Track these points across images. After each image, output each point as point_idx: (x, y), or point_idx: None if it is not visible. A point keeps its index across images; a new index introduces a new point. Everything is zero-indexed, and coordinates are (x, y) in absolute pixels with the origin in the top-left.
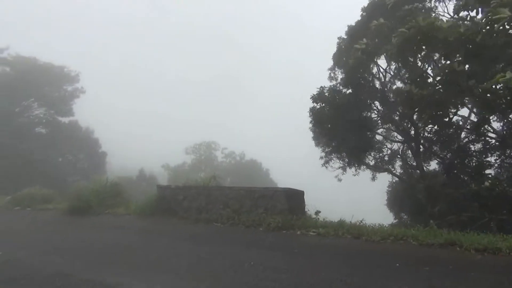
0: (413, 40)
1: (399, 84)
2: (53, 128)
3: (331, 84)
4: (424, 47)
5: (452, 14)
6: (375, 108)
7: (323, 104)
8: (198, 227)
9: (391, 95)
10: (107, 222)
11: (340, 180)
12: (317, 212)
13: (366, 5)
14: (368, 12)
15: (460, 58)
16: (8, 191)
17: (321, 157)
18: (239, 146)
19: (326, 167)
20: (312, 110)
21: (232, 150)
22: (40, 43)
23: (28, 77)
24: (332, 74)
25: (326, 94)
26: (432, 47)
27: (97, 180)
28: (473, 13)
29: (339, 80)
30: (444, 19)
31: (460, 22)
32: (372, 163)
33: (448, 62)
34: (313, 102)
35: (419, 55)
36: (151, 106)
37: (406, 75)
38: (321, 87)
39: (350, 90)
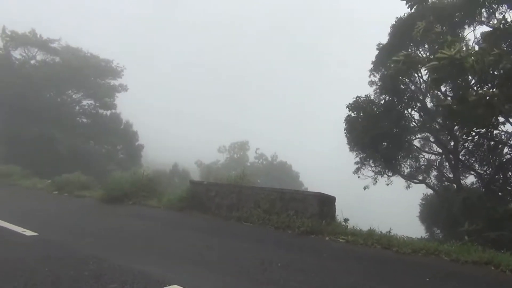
0: (445, 70)
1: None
2: (95, 119)
3: (372, 87)
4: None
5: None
6: (413, 117)
7: (360, 113)
8: (229, 224)
9: (434, 102)
10: (140, 213)
11: (366, 188)
12: (346, 220)
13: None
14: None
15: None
16: (49, 175)
17: (356, 163)
18: (271, 148)
19: (359, 176)
20: (347, 118)
21: (262, 152)
22: (90, 35)
23: (75, 67)
24: (372, 78)
25: (362, 103)
26: (464, 75)
27: (133, 172)
28: None
29: (378, 84)
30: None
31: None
32: (407, 170)
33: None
34: (349, 110)
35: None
36: (187, 104)
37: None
38: (357, 96)
39: (387, 97)
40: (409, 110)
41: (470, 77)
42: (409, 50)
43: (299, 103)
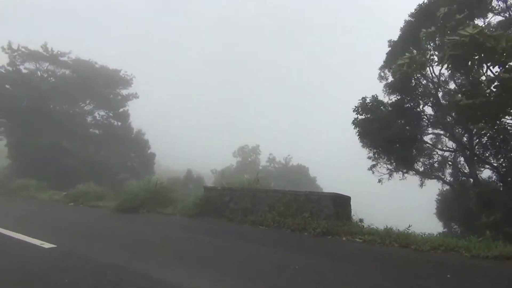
0: (465, 48)
1: (453, 86)
2: (106, 129)
3: (382, 83)
4: (476, 56)
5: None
6: (424, 113)
7: (368, 115)
8: (244, 228)
9: (446, 98)
10: (155, 220)
11: (380, 181)
12: (361, 220)
13: (414, 11)
14: (416, 20)
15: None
16: (63, 187)
17: (369, 157)
18: (283, 148)
19: (373, 172)
20: (355, 121)
21: (274, 156)
22: (97, 45)
23: (85, 79)
24: (382, 74)
25: (369, 105)
26: (485, 55)
27: (147, 180)
28: None
29: (389, 80)
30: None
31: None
32: (421, 169)
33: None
34: (356, 114)
35: (472, 63)
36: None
37: (460, 80)
38: (363, 98)
39: (397, 96)
40: (421, 106)
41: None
42: (421, 46)
43: (310, 97)
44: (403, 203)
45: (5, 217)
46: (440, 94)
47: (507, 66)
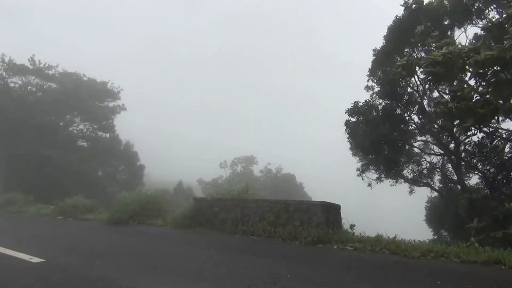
0: (440, 66)
1: (437, 94)
2: (94, 141)
3: (368, 92)
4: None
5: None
6: (412, 120)
7: (359, 117)
8: (235, 238)
9: (431, 106)
10: (146, 232)
11: (370, 186)
12: (352, 226)
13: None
14: (392, 37)
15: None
16: (52, 200)
17: (358, 169)
18: (273, 160)
19: (362, 178)
20: (347, 123)
21: (269, 167)
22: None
23: (72, 92)
24: (370, 83)
25: (361, 108)
26: (458, 71)
27: (136, 192)
28: None
29: (375, 90)
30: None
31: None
32: (410, 176)
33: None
34: (348, 116)
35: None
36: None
37: (444, 86)
38: (355, 102)
39: (386, 101)
40: (408, 113)
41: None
42: (405, 53)
43: (299, 109)
44: (394, 211)
45: None
46: (425, 102)
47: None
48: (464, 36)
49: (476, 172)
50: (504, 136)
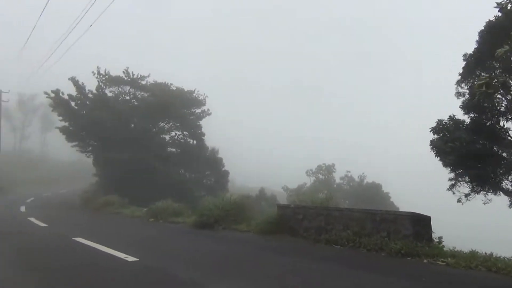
0: None
1: None
2: (183, 147)
3: (460, 99)
4: None
5: None
6: (507, 130)
7: (445, 134)
8: (318, 247)
9: None
10: (230, 237)
11: (460, 201)
12: (440, 239)
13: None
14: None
15: None
16: (144, 203)
17: (450, 179)
18: (356, 167)
19: (453, 193)
20: (433, 142)
21: (351, 174)
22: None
23: (163, 101)
24: (459, 89)
25: (445, 125)
26: None
27: (221, 197)
28: None
29: (466, 96)
30: None
31: None
32: (511, 188)
33: None
34: (433, 134)
35: None
36: (275, 123)
37: None
38: (439, 120)
39: (475, 115)
40: (503, 123)
41: None
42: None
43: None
44: (489, 224)
45: (93, 232)
46: None
47: None
48: None
49: None
50: None
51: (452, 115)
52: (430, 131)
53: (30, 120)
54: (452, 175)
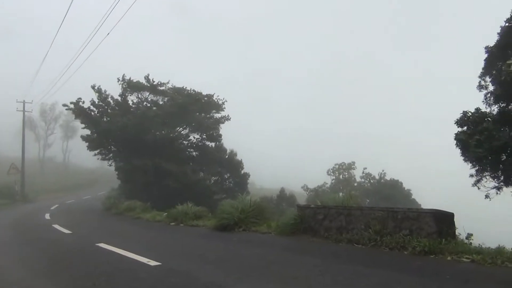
0: None
1: None
2: (202, 151)
3: (482, 92)
4: None
5: None
6: None
7: (470, 127)
8: (339, 247)
9: None
10: (251, 239)
11: (488, 197)
12: (469, 236)
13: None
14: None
15: None
16: (165, 207)
17: (471, 175)
18: (379, 165)
19: (479, 188)
20: (458, 135)
21: (369, 172)
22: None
23: (182, 106)
24: (482, 83)
25: (470, 118)
26: None
27: (241, 199)
28: None
29: (489, 89)
30: None
31: None
32: None
33: None
34: (458, 126)
35: None
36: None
37: None
38: (464, 111)
39: (501, 104)
40: None
41: None
42: None
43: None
44: None
45: (116, 237)
46: None
47: None
48: None
49: None
50: None
51: (478, 108)
52: (455, 123)
53: (52, 129)
54: (473, 171)
